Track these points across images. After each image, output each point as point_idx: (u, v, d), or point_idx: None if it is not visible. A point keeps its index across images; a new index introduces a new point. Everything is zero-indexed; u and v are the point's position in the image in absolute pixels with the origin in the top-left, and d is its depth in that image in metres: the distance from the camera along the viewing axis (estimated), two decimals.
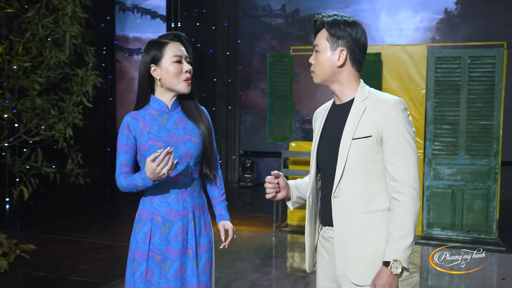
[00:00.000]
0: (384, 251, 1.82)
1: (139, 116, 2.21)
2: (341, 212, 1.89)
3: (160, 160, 1.97)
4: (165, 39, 2.20)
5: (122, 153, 2.21)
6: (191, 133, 2.20)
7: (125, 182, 2.17)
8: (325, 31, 1.93)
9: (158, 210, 2.17)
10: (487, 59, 5.69)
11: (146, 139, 2.16)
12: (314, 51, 1.97)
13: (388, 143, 1.85)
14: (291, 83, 6.41)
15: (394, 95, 6.56)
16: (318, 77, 1.97)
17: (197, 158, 2.21)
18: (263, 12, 9.75)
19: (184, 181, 2.19)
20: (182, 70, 2.15)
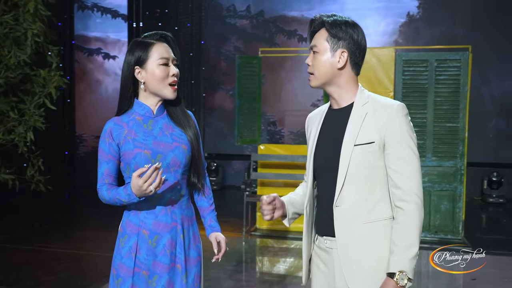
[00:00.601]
0: (387, 262, 1.76)
1: (122, 122, 2.06)
2: (343, 221, 1.81)
3: (147, 177, 1.83)
4: (150, 39, 2.04)
5: (104, 162, 2.05)
6: (179, 139, 2.07)
7: (108, 195, 2.02)
8: (325, 32, 1.85)
9: (145, 223, 2.03)
10: (453, 62, 5.78)
11: (131, 147, 2.01)
12: (312, 52, 1.89)
13: (391, 150, 1.78)
14: (260, 85, 6.34)
15: None
16: (316, 80, 1.89)
17: (186, 166, 2.07)
18: (227, 13, 9.64)
19: (172, 191, 2.04)
20: (168, 73, 2.01)
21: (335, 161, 1.82)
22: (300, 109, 9.31)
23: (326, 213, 1.88)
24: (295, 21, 9.29)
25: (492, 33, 8.41)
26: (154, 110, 2.08)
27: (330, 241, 1.87)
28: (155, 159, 1.99)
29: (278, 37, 9.38)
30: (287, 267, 5.25)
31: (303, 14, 9.27)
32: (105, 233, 6.16)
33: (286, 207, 1.99)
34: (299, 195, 2.05)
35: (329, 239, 1.88)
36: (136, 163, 1.98)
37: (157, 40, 2.04)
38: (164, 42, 2.05)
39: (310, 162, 1.93)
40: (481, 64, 8.01)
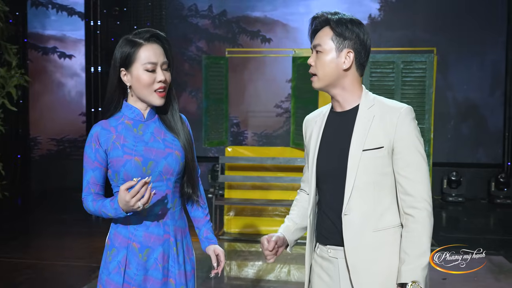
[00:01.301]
0: (398, 272, 1.69)
1: (110, 126, 1.91)
2: (352, 230, 1.73)
3: (136, 192, 1.70)
4: (140, 38, 1.86)
5: (90, 170, 1.90)
6: (171, 145, 1.93)
7: (94, 206, 1.87)
8: (330, 30, 1.77)
9: (135, 235, 1.89)
10: (418, 64, 5.86)
11: (121, 154, 1.86)
12: (315, 51, 1.80)
13: (401, 155, 1.72)
14: (227, 86, 6.23)
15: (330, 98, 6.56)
16: (320, 81, 1.80)
17: (179, 174, 1.95)
18: (189, 13, 9.47)
19: (164, 200, 1.91)
20: (155, 79, 1.84)
21: (341, 167, 1.75)
22: (263, 110, 9.26)
23: (330, 222, 1.80)
24: (258, 22, 9.23)
25: (454, 38, 8.62)
26: (145, 114, 1.94)
27: (334, 251, 1.80)
28: (147, 166, 1.86)
29: (241, 38, 9.29)
30: (255, 271, 5.16)
31: (266, 15, 9.22)
32: (67, 241, 5.90)
33: (287, 239, 1.91)
34: (296, 217, 1.97)
35: (333, 248, 1.80)
36: (125, 171, 1.85)
37: (146, 40, 1.86)
38: (154, 43, 1.87)
39: (312, 168, 1.84)
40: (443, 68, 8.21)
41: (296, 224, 1.95)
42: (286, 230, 1.93)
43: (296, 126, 6.09)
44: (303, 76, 5.99)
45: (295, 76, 6.03)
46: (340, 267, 1.79)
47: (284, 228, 1.94)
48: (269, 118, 9.22)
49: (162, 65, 1.86)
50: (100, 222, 7.33)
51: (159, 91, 1.86)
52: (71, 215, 7.28)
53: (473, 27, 8.57)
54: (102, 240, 1.86)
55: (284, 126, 9.24)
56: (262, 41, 9.23)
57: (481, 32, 8.61)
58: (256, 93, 9.20)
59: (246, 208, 6.23)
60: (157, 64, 1.85)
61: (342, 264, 1.78)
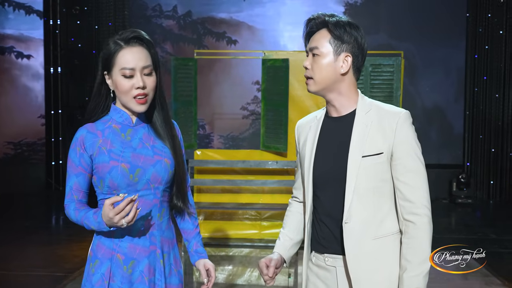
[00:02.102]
0: (400, 279, 1.66)
1: (97, 129, 1.81)
2: (353, 238, 1.69)
3: (120, 209, 1.62)
4: (121, 40, 1.74)
5: (73, 175, 1.81)
6: (161, 152, 1.84)
7: (76, 216, 1.78)
8: (327, 33, 1.72)
9: (119, 246, 1.79)
10: (386, 68, 5.94)
11: (107, 159, 1.77)
12: (311, 54, 1.75)
13: (400, 160, 1.69)
14: (196, 88, 6.12)
15: (300, 101, 6.53)
16: (316, 85, 1.75)
17: (168, 183, 1.85)
18: (153, 13, 9.28)
19: (151, 210, 1.82)
20: (133, 86, 1.73)
21: (340, 174, 1.70)
22: (229, 112, 9.18)
23: (328, 230, 1.76)
24: (224, 23, 9.15)
25: (419, 43, 8.79)
26: (133, 118, 1.84)
27: (332, 259, 1.76)
28: (134, 174, 1.76)
29: (207, 39, 9.19)
30: (226, 276, 5.10)
31: (232, 16, 9.14)
32: (29, 249, 5.63)
33: (284, 258, 1.88)
34: (291, 232, 1.92)
35: (331, 256, 1.76)
36: (111, 177, 1.75)
37: (126, 43, 1.74)
38: (135, 46, 1.75)
39: (309, 175, 1.79)
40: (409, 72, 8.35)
41: (292, 240, 1.91)
42: (283, 249, 1.89)
43: (266, 129, 6.04)
44: (273, 79, 5.95)
45: (265, 79, 5.99)
46: (339, 276, 1.74)
47: (280, 246, 1.89)
48: (236, 121, 9.15)
49: (142, 69, 1.74)
50: (61, 229, 7.08)
51: (138, 98, 1.75)
52: (32, 222, 7.01)
53: (436, 32, 8.78)
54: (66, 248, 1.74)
55: (250, 129, 9.19)
56: (228, 42, 9.16)
57: (444, 37, 8.83)
58: (222, 95, 9.11)
59: (216, 212, 6.14)
60: (135, 69, 1.73)
61: (341, 272, 1.74)
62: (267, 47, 8.64)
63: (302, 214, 1.96)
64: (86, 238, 5.84)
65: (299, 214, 1.96)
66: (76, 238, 5.90)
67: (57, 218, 7.81)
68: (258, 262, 1.84)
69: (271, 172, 6.05)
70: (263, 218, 6.08)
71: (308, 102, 5.94)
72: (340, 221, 1.72)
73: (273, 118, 5.95)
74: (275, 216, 6.08)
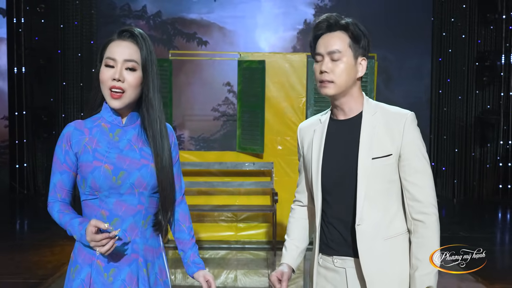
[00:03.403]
0: (411, 278, 1.70)
1: (85, 127, 1.76)
2: (366, 241, 1.71)
3: (96, 240, 1.58)
4: (116, 34, 1.75)
5: (57, 173, 1.76)
6: (149, 157, 1.77)
7: (60, 219, 1.73)
8: (346, 36, 1.73)
9: None
10: None
11: (91, 159, 1.71)
12: (330, 58, 1.72)
13: (408, 161, 1.73)
14: (171, 89, 6.05)
15: (276, 102, 6.55)
16: (336, 88, 1.73)
17: (154, 189, 1.78)
18: (121, 13, 9.12)
19: (134, 216, 1.74)
20: (110, 76, 1.68)
21: (350, 177, 1.72)
22: (200, 114, 9.13)
23: (338, 232, 1.77)
24: (194, 24, 9.08)
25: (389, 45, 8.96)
26: (124, 118, 1.78)
27: (341, 260, 1.77)
28: (117, 176, 1.70)
29: (177, 40, 9.10)
30: None
31: (203, 17, 9.09)
32: None
33: (293, 268, 1.89)
34: (298, 240, 1.93)
35: (340, 258, 1.77)
36: (93, 178, 1.70)
37: (118, 36, 1.73)
38: (126, 40, 1.72)
39: (317, 178, 1.78)
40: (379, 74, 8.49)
41: (298, 248, 1.92)
42: (291, 259, 1.90)
43: (242, 130, 6.03)
44: (249, 80, 5.95)
45: (241, 80, 5.97)
46: (349, 277, 1.76)
47: (288, 257, 1.90)
48: (207, 122, 9.10)
49: (124, 62, 1.69)
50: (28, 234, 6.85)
51: (113, 92, 1.68)
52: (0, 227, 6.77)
53: (406, 36, 8.99)
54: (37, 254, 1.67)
55: (221, 130, 9.17)
56: (199, 43, 9.10)
57: (413, 41, 9.05)
58: (193, 97, 9.04)
59: (192, 214, 6.01)
60: (117, 61, 1.68)
61: (350, 273, 1.76)
62: (238, 49, 8.64)
63: (306, 219, 1.96)
64: (57, 243, 5.68)
65: (303, 220, 1.96)
66: (47, 243, 5.73)
67: (21, 223, 7.58)
68: (270, 276, 1.83)
69: (247, 174, 6.05)
70: (239, 220, 6.07)
71: (284, 104, 5.98)
72: (350, 223, 1.73)
73: (249, 120, 5.95)
74: (251, 218, 6.08)
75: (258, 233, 6.06)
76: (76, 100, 9.07)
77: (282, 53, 6.38)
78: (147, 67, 1.73)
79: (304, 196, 1.95)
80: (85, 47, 9.01)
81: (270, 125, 5.92)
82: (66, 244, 5.59)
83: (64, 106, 9.04)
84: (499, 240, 6.86)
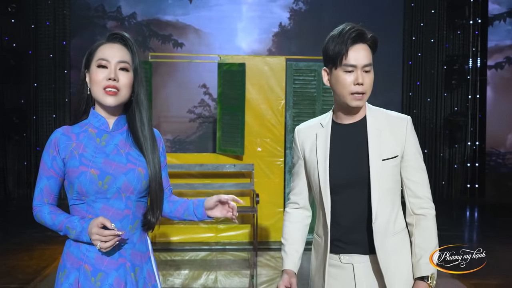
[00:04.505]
0: (415, 267, 1.83)
1: (72, 132, 1.78)
2: (380, 237, 1.82)
3: (103, 234, 1.63)
4: (104, 38, 1.81)
5: (44, 178, 1.78)
6: (135, 161, 1.78)
7: (53, 219, 1.76)
8: (368, 48, 1.83)
9: (87, 256, 1.74)
10: None
11: (77, 164, 1.73)
12: (363, 71, 1.81)
13: (410, 162, 1.86)
14: (151, 91, 6.05)
15: (256, 105, 6.64)
16: (365, 99, 1.84)
17: (141, 193, 1.79)
18: (95, 13, 9.01)
19: (121, 221, 1.75)
20: (105, 77, 1.73)
21: (362, 178, 1.82)
22: (175, 115, 9.11)
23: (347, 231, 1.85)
24: (170, 26, 9.06)
25: None
26: (111, 124, 1.81)
27: (349, 257, 1.86)
28: (103, 181, 1.72)
29: (152, 42, 9.06)
30: (182, 280, 5.08)
31: (178, 19, 9.08)
32: None
33: (295, 273, 1.94)
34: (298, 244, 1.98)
35: (348, 255, 1.86)
36: (79, 183, 1.71)
37: (108, 40, 1.80)
38: (116, 43, 1.79)
39: (325, 180, 1.85)
40: None
41: (298, 252, 1.97)
42: (293, 264, 1.94)
43: (222, 132, 6.08)
44: (229, 83, 6.00)
45: (221, 83, 6.02)
46: (356, 273, 1.85)
47: (290, 263, 1.94)
48: (182, 124, 9.09)
49: (118, 63, 1.75)
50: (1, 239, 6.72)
51: (108, 90, 1.72)
52: None
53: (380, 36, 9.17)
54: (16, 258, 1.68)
55: (197, 132, 9.17)
56: (174, 45, 9.08)
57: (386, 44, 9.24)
58: (168, 98, 9.02)
59: None
60: (110, 62, 1.74)
61: (359, 269, 1.85)
62: (214, 51, 8.67)
63: (302, 222, 2.02)
64: (35, 247, 5.60)
65: (300, 224, 2.01)
66: (24, 248, 5.63)
67: None
68: (278, 285, 1.88)
69: (228, 176, 6.10)
70: (219, 222, 6.11)
71: (263, 106, 6.06)
72: (364, 221, 1.83)
73: (230, 122, 6.00)
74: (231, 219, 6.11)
75: (238, 234, 6.12)
76: (49, 102, 8.92)
77: (262, 56, 6.46)
78: (137, 69, 1.80)
79: (301, 198, 2.01)
80: (58, 48, 8.87)
81: (250, 127, 6.00)
82: (45, 248, 5.52)
83: (36, 108, 8.88)
84: (467, 237, 7.11)
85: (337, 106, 1.90)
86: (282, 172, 6.11)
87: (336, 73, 1.81)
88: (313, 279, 1.97)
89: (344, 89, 1.80)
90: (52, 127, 8.90)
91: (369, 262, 1.85)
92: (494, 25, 9.12)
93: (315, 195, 1.93)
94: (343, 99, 1.82)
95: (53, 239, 5.79)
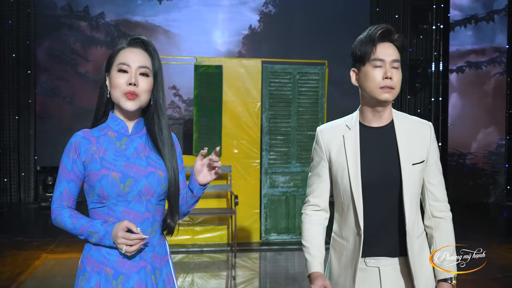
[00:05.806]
0: (437, 269, 1.88)
1: (92, 136, 1.79)
2: (410, 239, 1.85)
3: (129, 238, 1.66)
4: (125, 43, 1.82)
5: (64, 181, 1.78)
6: (155, 164, 1.80)
7: (74, 223, 1.76)
8: (395, 47, 1.84)
9: (108, 260, 1.74)
10: (312, 76, 6.27)
11: (98, 167, 1.74)
12: (391, 67, 1.80)
13: (432, 166, 1.91)
14: None
15: (232, 107, 6.70)
16: (394, 94, 1.83)
17: (161, 196, 1.80)
18: (62, 13, 8.79)
19: (142, 224, 1.76)
20: (126, 81, 1.73)
21: (393, 181, 1.84)
22: None
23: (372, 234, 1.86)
24: (139, 27, 8.94)
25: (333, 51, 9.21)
26: (130, 127, 1.82)
27: (375, 260, 1.86)
28: (125, 184, 1.74)
29: (121, 42, 8.86)
30: None
31: (147, 20, 8.97)
32: None
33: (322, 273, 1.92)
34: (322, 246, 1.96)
35: (374, 258, 1.86)
36: (101, 186, 1.72)
37: (129, 44, 1.81)
38: (137, 47, 1.80)
39: (357, 182, 1.85)
40: None
41: (322, 254, 1.94)
42: (321, 266, 1.91)
43: (199, 134, 6.06)
44: (206, 85, 6.00)
45: (198, 84, 6.01)
46: (383, 275, 1.85)
47: (318, 264, 1.90)
48: None
49: (138, 68, 1.75)
50: None
51: (129, 94, 1.73)
52: None
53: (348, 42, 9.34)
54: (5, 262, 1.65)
55: None
56: None
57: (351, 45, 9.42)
58: None
59: None
60: (131, 66, 1.75)
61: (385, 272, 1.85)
62: (184, 52, 8.63)
63: (321, 224, 1.99)
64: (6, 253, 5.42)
65: (320, 226, 1.99)
66: None
67: None
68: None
69: None
70: (196, 223, 6.09)
71: (239, 108, 6.09)
72: (396, 224, 1.85)
73: (207, 124, 5.99)
74: (208, 221, 6.12)
75: (215, 236, 6.12)
76: (12, 103, 8.63)
77: (238, 59, 6.49)
78: (157, 75, 1.81)
79: (322, 200, 1.99)
80: (21, 47, 8.60)
81: (227, 129, 6.01)
82: (17, 254, 5.34)
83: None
84: None
85: (364, 106, 1.90)
86: (258, 174, 6.16)
87: (365, 69, 1.82)
88: (337, 282, 1.93)
89: (373, 83, 1.80)
90: (15, 128, 8.63)
91: (397, 265, 1.86)
92: (456, 31, 9.46)
93: (343, 197, 1.90)
94: (372, 93, 1.82)
95: (24, 244, 5.62)
